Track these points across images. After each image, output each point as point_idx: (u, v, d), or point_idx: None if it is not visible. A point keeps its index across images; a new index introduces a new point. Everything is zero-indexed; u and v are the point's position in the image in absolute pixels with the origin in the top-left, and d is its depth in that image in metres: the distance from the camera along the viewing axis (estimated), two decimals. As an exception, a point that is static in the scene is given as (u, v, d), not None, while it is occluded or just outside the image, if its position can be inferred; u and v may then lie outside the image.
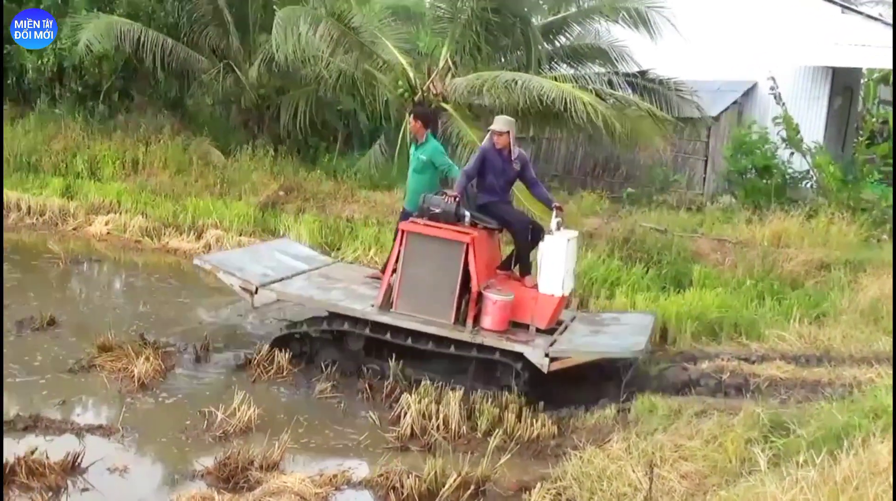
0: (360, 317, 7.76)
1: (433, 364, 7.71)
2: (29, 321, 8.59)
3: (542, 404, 7.33)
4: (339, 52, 14.51)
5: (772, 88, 16.54)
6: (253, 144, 16.40)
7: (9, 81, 19.53)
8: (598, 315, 9.12)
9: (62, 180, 15.11)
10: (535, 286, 7.79)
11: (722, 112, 17.59)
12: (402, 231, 7.73)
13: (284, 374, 7.75)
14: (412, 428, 6.79)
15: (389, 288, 7.74)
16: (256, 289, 8.18)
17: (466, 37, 14.74)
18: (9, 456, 5.60)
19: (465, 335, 7.47)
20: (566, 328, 8.04)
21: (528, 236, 7.92)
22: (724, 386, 7.49)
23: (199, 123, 17.87)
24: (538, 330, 7.67)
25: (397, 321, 7.63)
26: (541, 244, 7.76)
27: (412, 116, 8.81)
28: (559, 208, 7.95)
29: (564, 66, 16.48)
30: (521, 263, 8.07)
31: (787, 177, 15.54)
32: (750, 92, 18.59)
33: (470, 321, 7.51)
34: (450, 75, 14.82)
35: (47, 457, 5.69)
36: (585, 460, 6.02)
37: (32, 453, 5.70)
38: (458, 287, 7.49)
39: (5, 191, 14.30)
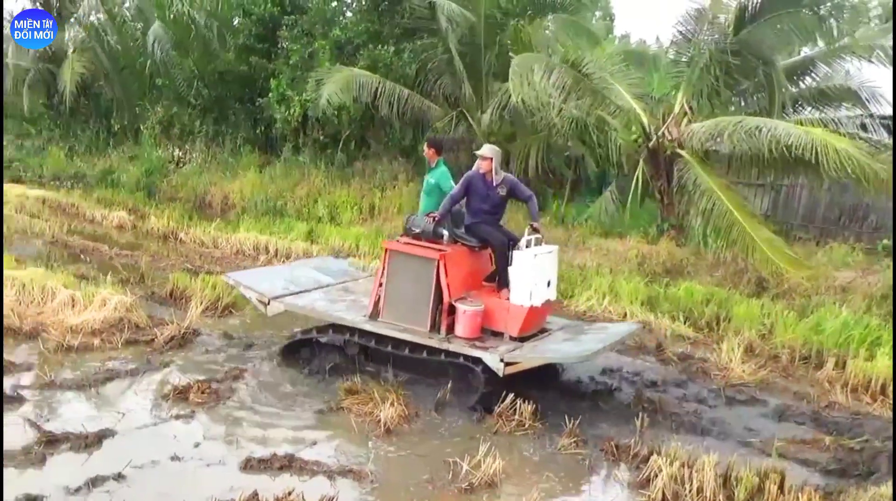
0: (349, 326, 8.55)
1: (420, 368, 8.36)
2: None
3: (805, 473, 6.74)
4: (572, 99, 14.44)
5: None
6: (482, 190, 16.51)
7: (258, 131, 20.97)
8: (587, 326, 9.50)
9: (305, 225, 15.85)
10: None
11: None
12: (386, 249, 8.57)
13: (526, 426, 7.56)
14: (663, 493, 6.39)
15: (377, 300, 8.51)
16: (269, 301, 9.09)
17: (704, 80, 14.29)
18: (268, 496, 5.76)
19: (434, 341, 8.10)
20: (547, 336, 8.50)
21: (506, 254, 8.39)
22: None
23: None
24: (513, 338, 8.18)
25: (379, 329, 8.39)
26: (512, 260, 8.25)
27: (426, 143, 9.59)
28: (534, 229, 8.40)
29: (810, 108, 15.53)
30: (499, 277, 8.57)
31: None
32: None
33: (443, 329, 8.16)
34: (686, 120, 14.37)
35: (303, 499, 5.80)
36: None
37: (289, 494, 5.83)
38: (431, 298, 8.21)
39: (255, 234, 15.20)
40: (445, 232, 8.45)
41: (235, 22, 22.20)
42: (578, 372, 9.25)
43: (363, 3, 19.59)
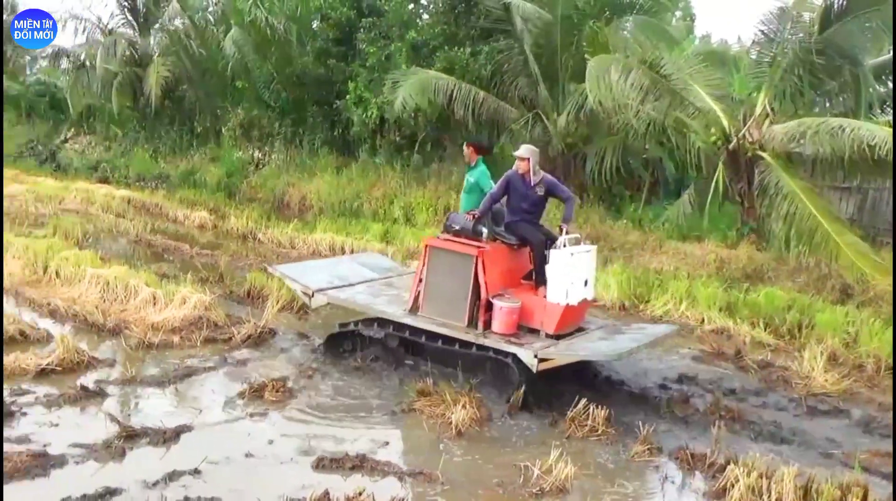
0: (389, 319, 8.79)
1: (458, 362, 8.47)
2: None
3: (890, 487, 6.50)
4: (650, 100, 14.23)
5: None
6: (559, 192, 16.41)
7: (335, 133, 21.22)
8: (625, 326, 9.50)
9: (381, 226, 15.97)
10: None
11: None
12: (426, 245, 8.73)
13: (599, 432, 7.46)
14: (740, 504, 6.24)
15: (417, 295, 8.70)
16: (313, 293, 9.38)
17: (787, 80, 13.93)
18: (339, 495, 5.80)
19: (471, 336, 8.25)
20: (583, 334, 8.60)
21: (544, 252, 8.46)
22: None
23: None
24: (549, 335, 8.25)
25: (418, 322, 8.58)
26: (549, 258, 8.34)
27: (465, 143, 9.87)
28: (564, 230, 8.44)
29: (900, 108, 15.02)
30: (537, 275, 8.65)
31: None
32: None
33: (481, 324, 8.32)
34: (767, 122, 14.03)
35: (374, 500, 5.82)
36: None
37: (360, 494, 5.85)
38: (469, 294, 8.36)
39: (332, 235, 15.37)
40: (485, 229, 8.59)
41: (314, 25, 22.51)
42: (652, 379, 9.12)
43: (440, 5, 19.64)
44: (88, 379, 7.84)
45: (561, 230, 8.46)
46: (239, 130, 23.38)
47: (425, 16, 21.22)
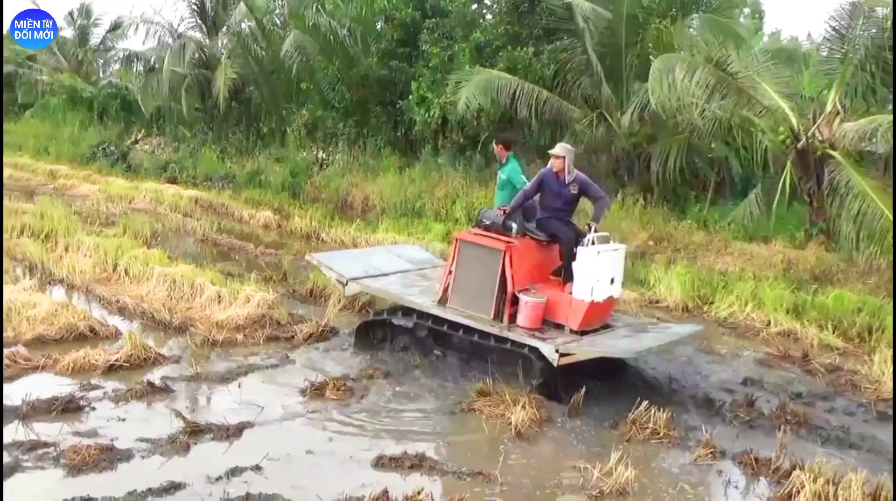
0: (418, 309, 8.99)
1: (486, 354, 8.61)
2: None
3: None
4: (715, 98, 13.98)
5: None
6: (623, 192, 16.30)
7: (398, 133, 21.33)
8: (651, 324, 9.58)
9: (442, 226, 15.99)
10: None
11: None
12: (457, 239, 8.99)
13: (661, 435, 7.36)
14: (807, 511, 6.10)
15: (447, 287, 8.88)
16: (347, 282, 9.68)
17: (858, 78, 13.60)
18: (397, 494, 5.83)
19: (495, 328, 8.42)
20: (608, 331, 8.67)
21: (572, 249, 8.55)
22: None
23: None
24: (573, 331, 8.38)
25: (445, 313, 8.77)
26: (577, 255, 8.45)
27: (495, 141, 10.09)
28: (592, 228, 8.53)
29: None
30: (565, 271, 8.76)
31: None
32: None
33: (506, 318, 8.46)
34: (838, 120, 13.70)
35: (432, 499, 5.83)
36: None
37: (419, 493, 5.87)
38: (496, 287, 8.51)
39: (394, 235, 15.45)
40: (514, 225, 8.76)
41: (378, 27, 22.64)
42: (716, 382, 8.98)
43: (503, 4, 19.57)
44: (155, 375, 8.00)
45: (589, 229, 8.57)
46: (304, 130, 23.62)
47: (488, 16, 21.16)
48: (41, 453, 6.25)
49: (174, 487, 5.87)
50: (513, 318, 8.49)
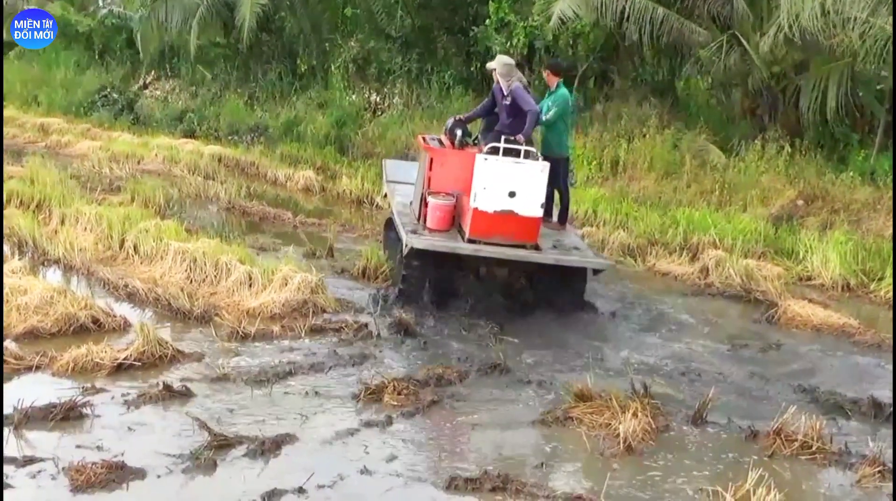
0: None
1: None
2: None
3: None
4: (882, 12, 13.64)
5: None
6: (763, 138, 16.08)
7: (472, 68, 21.30)
8: (578, 249, 11.01)
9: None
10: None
11: None
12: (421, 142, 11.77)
13: (813, 449, 7.30)
14: None
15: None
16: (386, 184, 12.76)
17: None
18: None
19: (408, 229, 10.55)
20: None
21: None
22: None
23: (694, 113, 17.98)
24: (470, 239, 10.12)
25: (395, 217, 11.23)
26: None
27: (543, 66, 12.78)
28: (509, 140, 10.18)
29: None
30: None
31: None
32: None
33: (421, 219, 10.82)
34: None
35: (520, 529, 5.91)
36: None
37: (502, 522, 5.95)
38: (422, 191, 10.94)
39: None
40: (459, 132, 11.00)
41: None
42: (881, 386, 8.82)
43: None
44: (173, 376, 8.15)
45: (510, 142, 10.12)
46: (352, 67, 23.73)
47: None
48: (37, 470, 6.39)
49: (198, 514, 6.04)
50: (425, 219, 10.60)
